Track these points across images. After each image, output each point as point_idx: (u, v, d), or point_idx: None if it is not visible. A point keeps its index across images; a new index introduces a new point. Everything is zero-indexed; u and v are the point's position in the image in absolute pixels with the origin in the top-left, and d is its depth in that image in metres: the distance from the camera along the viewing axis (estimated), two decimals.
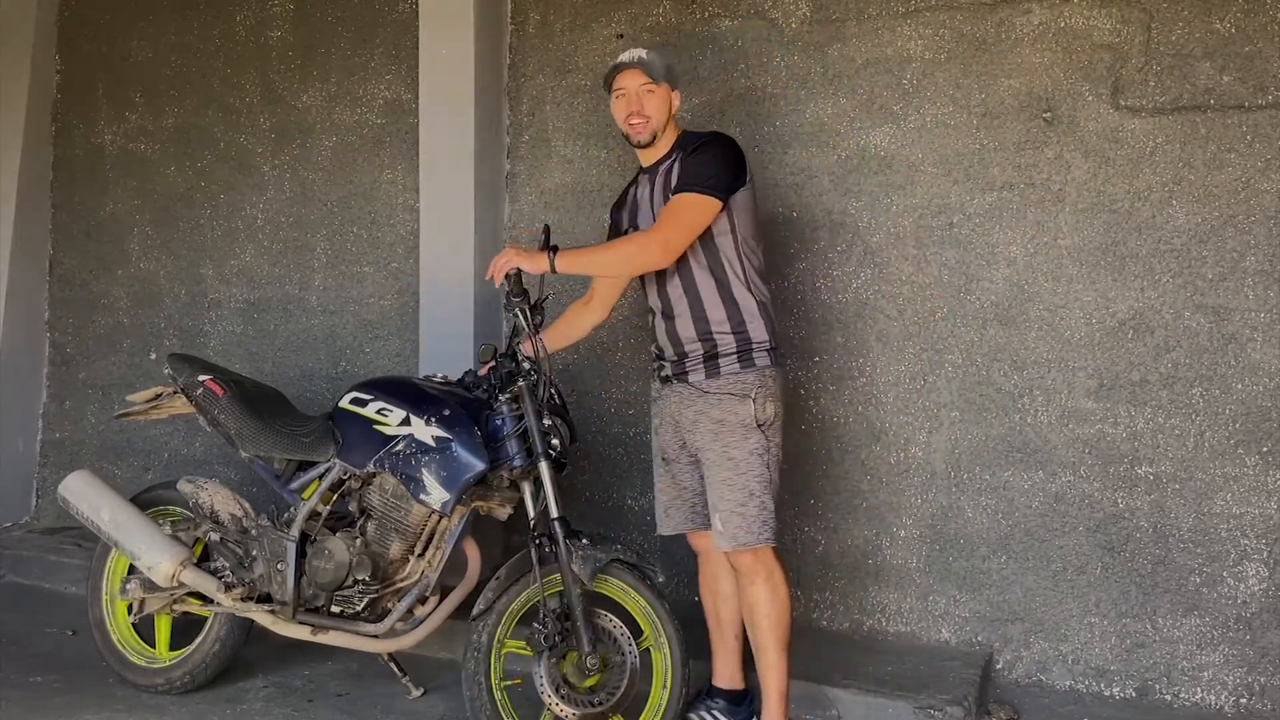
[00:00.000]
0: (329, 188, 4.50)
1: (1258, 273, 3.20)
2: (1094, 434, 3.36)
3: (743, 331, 2.76)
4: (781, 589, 2.77)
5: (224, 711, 3.15)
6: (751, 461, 2.73)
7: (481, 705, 2.77)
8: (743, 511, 2.72)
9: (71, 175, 5.08)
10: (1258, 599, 3.20)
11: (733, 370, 2.75)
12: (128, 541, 3.14)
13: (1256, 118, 3.21)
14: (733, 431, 2.74)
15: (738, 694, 3.03)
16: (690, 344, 2.81)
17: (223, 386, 3.18)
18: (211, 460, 4.66)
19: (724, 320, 2.77)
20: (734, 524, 2.73)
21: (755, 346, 2.76)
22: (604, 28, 4.04)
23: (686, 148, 2.81)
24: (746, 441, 2.73)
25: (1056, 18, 3.40)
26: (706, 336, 2.78)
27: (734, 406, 2.73)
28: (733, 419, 2.73)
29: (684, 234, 2.69)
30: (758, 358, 2.76)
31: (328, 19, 4.51)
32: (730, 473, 2.74)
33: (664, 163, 2.86)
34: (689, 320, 2.80)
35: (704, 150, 2.75)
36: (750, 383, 2.74)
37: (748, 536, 2.72)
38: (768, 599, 2.76)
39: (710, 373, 2.77)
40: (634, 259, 2.76)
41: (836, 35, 3.68)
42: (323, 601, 3.01)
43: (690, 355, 2.81)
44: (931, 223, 3.55)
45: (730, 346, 2.76)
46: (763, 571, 2.75)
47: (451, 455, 2.82)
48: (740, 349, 2.76)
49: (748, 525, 2.72)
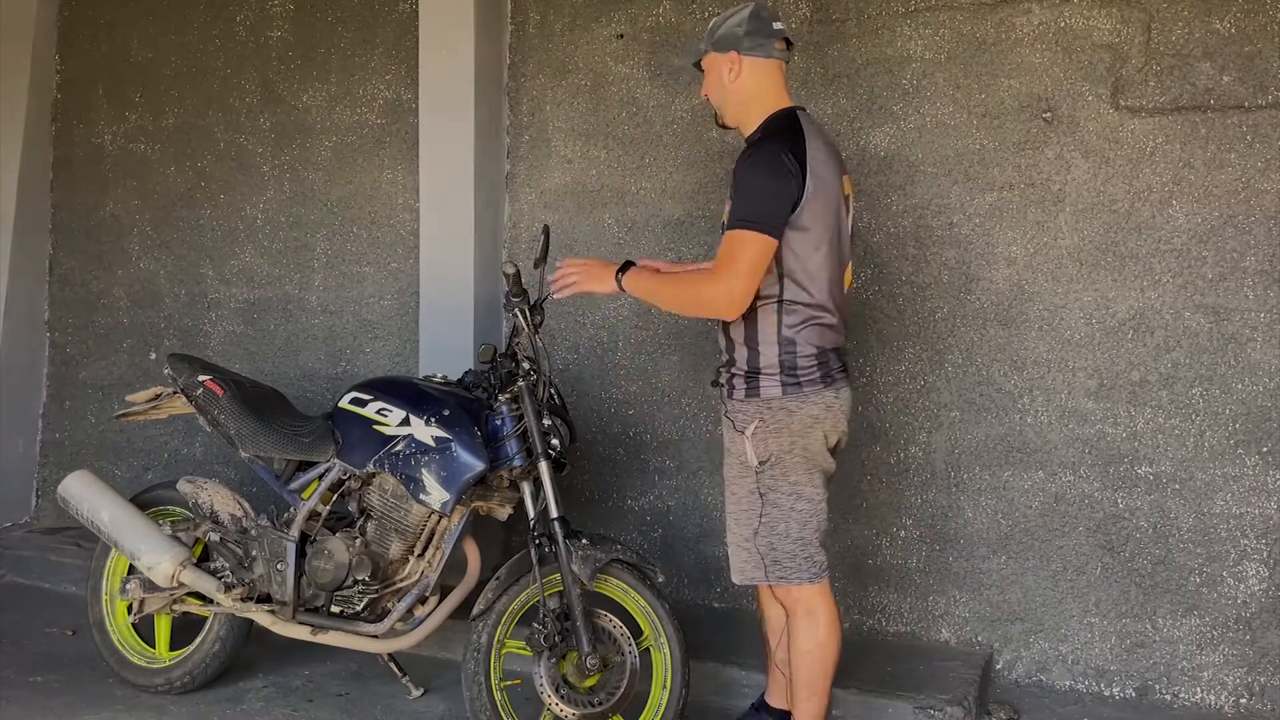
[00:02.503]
0: (329, 188, 4.50)
1: (1258, 273, 3.20)
2: (1094, 434, 3.36)
3: (754, 352, 2.47)
4: (819, 629, 2.52)
5: (224, 711, 3.15)
6: (751, 501, 2.50)
7: (481, 705, 2.77)
8: (748, 547, 2.54)
9: (71, 175, 5.08)
10: (1258, 599, 3.20)
11: (739, 397, 2.51)
12: (128, 542, 3.14)
13: (1256, 118, 3.21)
14: (734, 463, 2.55)
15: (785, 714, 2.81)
16: (723, 353, 2.61)
17: (222, 386, 3.18)
18: (211, 460, 4.66)
19: (741, 344, 2.51)
20: (740, 558, 2.57)
21: (764, 371, 2.46)
22: (604, 28, 4.04)
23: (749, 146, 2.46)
24: (743, 479, 2.52)
25: (1056, 18, 3.40)
26: (730, 351, 2.57)
27: (733, 437, 2.53)
28: (734, 449, 2.54)
29: (750, 281, 2.36)
30: (765, 386, 2.45)
31: (328, 19, 4.51)
32: (732, 505, 2.58)
33: (751, 139, 2.51)
34: (721, 330, 2.60)
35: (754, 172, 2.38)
36: (749, 414, 2.47)
37: (756, 572, 2.54)
38: (803, 637, 2.54)
39: (730, 390, 2.55)
40: (702, 307, 2.49)
41: (836, 35, 3.68)
42: (322, 602, 3.01)
43: (723, 364, 2.61)
44: (931, 223, 3.54)
45: (741, 368, 2.51)
46: (800, 609, 2.53)
47: (451, 455, 2.82)
48: (749, 371, 2.49)
49: (754, 562, 2.53)
